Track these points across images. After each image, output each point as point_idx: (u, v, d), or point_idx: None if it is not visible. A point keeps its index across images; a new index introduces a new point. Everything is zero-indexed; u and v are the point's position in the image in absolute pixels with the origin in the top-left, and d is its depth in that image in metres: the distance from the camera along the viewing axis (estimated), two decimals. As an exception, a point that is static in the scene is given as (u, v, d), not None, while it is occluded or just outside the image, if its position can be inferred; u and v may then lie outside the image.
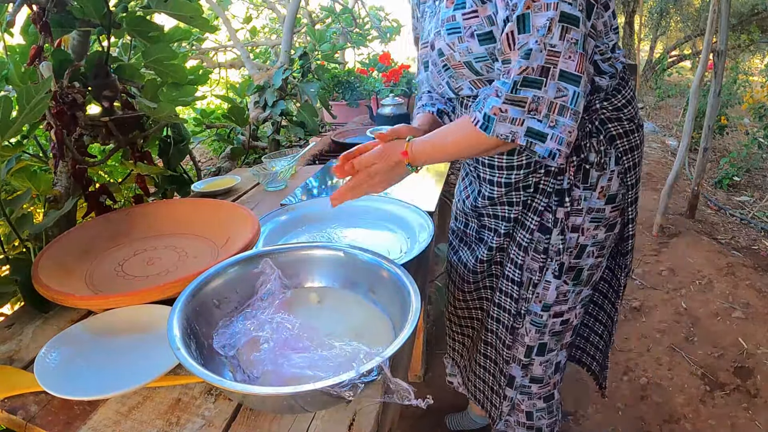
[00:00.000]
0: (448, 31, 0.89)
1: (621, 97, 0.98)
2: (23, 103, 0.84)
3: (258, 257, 0.81)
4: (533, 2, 0.75)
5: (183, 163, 1.58)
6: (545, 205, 1.00)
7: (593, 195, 0.99)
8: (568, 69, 0.77)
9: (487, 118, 0.80)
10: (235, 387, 0.58)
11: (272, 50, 4.82)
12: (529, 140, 0.80)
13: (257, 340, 0.69)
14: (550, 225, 1.01)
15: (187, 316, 0.69)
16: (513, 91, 0.78)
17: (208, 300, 0.75)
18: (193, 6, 1.25)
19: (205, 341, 0.70)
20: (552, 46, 0.76)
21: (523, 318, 1.11)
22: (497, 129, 0.80)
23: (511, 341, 1.15)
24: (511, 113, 0.79)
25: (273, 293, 0.77)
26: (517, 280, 1.08)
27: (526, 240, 1.04)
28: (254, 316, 0.73)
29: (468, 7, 0.86)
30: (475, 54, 0.89)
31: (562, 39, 0.76)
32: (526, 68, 0.77)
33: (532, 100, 0.77)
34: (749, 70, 7.19)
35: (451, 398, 1.78)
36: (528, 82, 0.77)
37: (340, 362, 0.64)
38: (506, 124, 0.79)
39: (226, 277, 0.78)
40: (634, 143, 1.00)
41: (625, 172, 1.00)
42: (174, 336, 0.63)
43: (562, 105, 0.78)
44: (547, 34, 0.75)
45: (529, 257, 1.05)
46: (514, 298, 1.10)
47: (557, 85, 0.77)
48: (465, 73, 0.94)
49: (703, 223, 3.32)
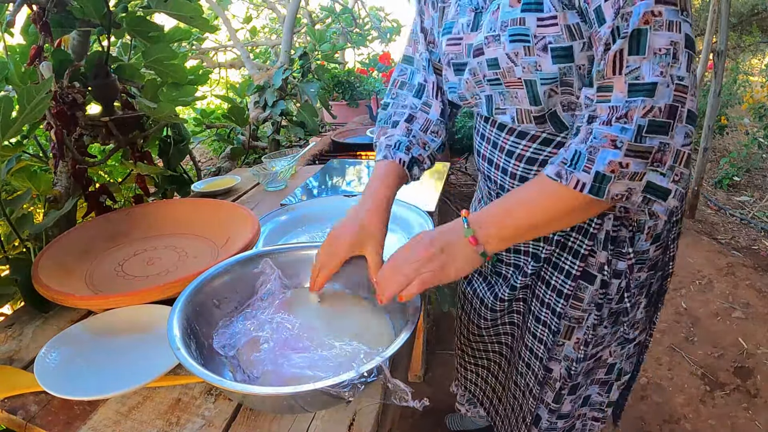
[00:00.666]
0: (512, 38, 0.69)
1: None
2: (24, 103, 0.84)
3: (258, 257, 0.81)
4: (654, 16, 0.58)
5: (183, 163, 1.58)
6: (589, 249, 0.84)
7: (641, 237, 0.84)
8: (693, 108, 0.61)
9: (601, 179, 0.62)
10: (235, 387, 0.58)
11: (272, 50, 4.82)
12: (647, 197, 0.63)
13: (257, 340, 0.69)
14: (595, 271, 0.86)
15: (187, 316, 0.69)
16: (638, 140, 0.60)
17: (208, 300, 0.75)
18: (193, 6, 1.25)
19: (205, 341, 0.70)
20: (680, 78, 0.59)
21: (558, 363, 0.98)
22: (613, 190, 0.62)
23: (541, 385, 1.03)
24: (632, 167, 0.61)
25: (273, 293, 0.77)
26: (554, 328, 0.93)
27: (568, 287, 0.88)
28: (254, 316, 0.74)
29: (546, 10, 0.66)
30: (543, 73, 0.70)
31: (689, 70, 0.60)
32: (651, 108, 0.60)
33: (658, 149, 0.60)
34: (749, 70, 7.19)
35: (451, 398, 1.78)
36: (655, 126, 0.60)
37: (340, 362, 0.64)
38: (625, 180, 0.61)
39: (226, 277, 0.78)
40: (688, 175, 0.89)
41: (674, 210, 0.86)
42: (174, 336, 0.63)
43: (688, 154, 0.62)
44: (673, 63, 0.59)
45: (569, 305, 0.90)
46: (548, 346, 0.96)
47: (685, 130, 0.61)
48: (519, 96, 0.75)
49: (703, 223, 3.32)
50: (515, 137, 0.83)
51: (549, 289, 0.92)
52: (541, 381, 1.02)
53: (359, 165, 1.73)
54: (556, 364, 0.98)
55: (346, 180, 1.59)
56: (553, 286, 0.91)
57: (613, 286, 0.86)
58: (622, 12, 0.60)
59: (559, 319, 0.92)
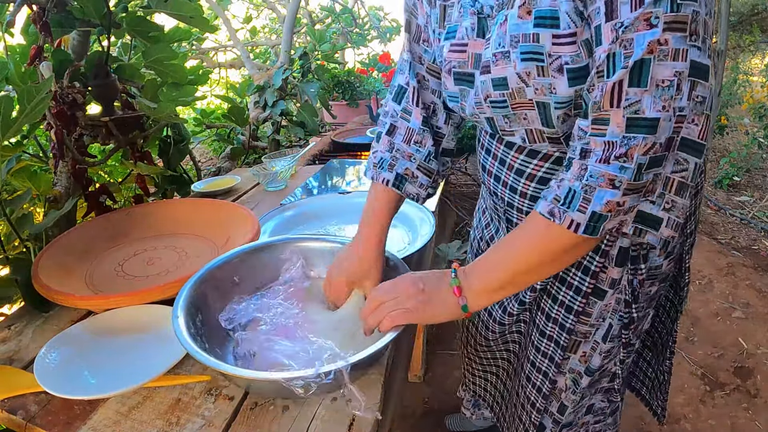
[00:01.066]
0: (524, 56, 0.61)
1: None
2: (24, 103, 0.84)
3: (285, 244, 0.86)
4: (659, 45, 0.52)
5: (183, 163, 1.58)
6: (600, 266, 0.80)
7: (655, 252, 0.80)
8: (689, 136, 0.57)
9: (597, 218, 0.58)
10: (202, 359, 0.61)
11: (272, 50, 4.82)
12: (638, 228, 0.61)
13: (258, 321, 0.73)
14: (606, 287, 0.82)
15: (202, 291, 0.74)
16: (637, 178, 0.56)
17: (227, 276, 0.80)
18: (193, 6, 1.25)
19: (215, 315, 0.75)
20: (681, 110, 0.55)
21: (563, 375, 0.96)
22: (607, 226, 0.59)
23: (545, 398, 1.00)
24: (628, 203, 0.58)
25: (294, 280, 0.81)
26: (562, 343, 0.90)
27: (578, 303, 0.85)
28: (265, 298, 0.78)
29: (563, 27, 0.58)
30: (558, 96, 0.63)
31: (690, 98, 0.55)
32: (653, 146, 0.55)
33: (651, 180, 0.58)
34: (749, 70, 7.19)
35: (450, 398, 1.78)
36: (654, 161, 0.56)
37: (312, 358, 0.66)
38: (619, 217, 0.59)
39: (252, 258, 0.83)
40: (700, 186, 0.81)
41: (685, 220, 0.80)
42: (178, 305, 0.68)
43: (681, 182, 0.58)
44: (676, 95, 0.54)
45: (579, 321, 0.87)
46: (556, 362, 0.93)
47: (675, 158, 0.58)
48: (530, 117, 0.68)
49: (703, 223, 3.32)
50: (525, 155, 0.76)
51: (557, 305, 0.88)
52: (546, 393, 1.00)
53: (359, 165, 1.73)
54: (561, 377, 0.96)
55: (346, 180, 1.59)
56: (561, 302, 0.87)
57: (623, 300, 0.83)
58: (623, 38, 0.53)
59: (569, 335, 0.89)
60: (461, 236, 2.45)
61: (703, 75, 0.55)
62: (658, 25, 0.52)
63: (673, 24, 0.52)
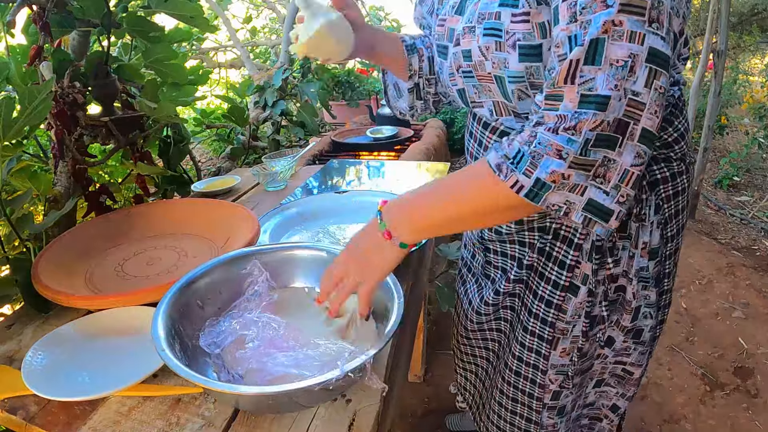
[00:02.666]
0: (485, 32, 0.67)
1: (673, 130, 0.79)
2: (25, 103, 0.84)
3: (245, 257, 0.81)
4: (614, 26, 0.54)
5: (183, 163, 1.58)
6: (575, 260, 0.82)
7: (636, 252, 0.81)
8: (649, 127, 0.57)
9: (540, 185, 0.58)
10: (223, 387, 0.58)
11: (272, 50, 4.82)
12: (587, 216, 0.60)
13: (243, 339, 0.69)
14: (579, 282, 0.84)
15: (171, 317, 0.69)
16: (583, 153, 0.57)
17: (192, 300, 0.75)
18: (193, 6, 1.25)
19: (189, 342, 0.70)
20: (635, 94, 0.56)
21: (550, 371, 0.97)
22: (550, 198, 0.59)
23: (530, 396, 1.01)
24: (574, 179, 0.58)
25: (260, 295, 0.77)
26: (546, 337, 0.91)
27: (557, 297, 0.87)
28: (241, 316, 0.74)
29: (520, 6, 0.64)
30: (510, 71, 0.68)
31: (649, 86, 0.56)
32: (601, 123, 0.56)
33: (600, 163, 0.57)
34: (749, 70, 7.19)
35: (451, 398, 1.78)
36: (601, 140, 0.56)
37: (325, 361, 0.65)
38: (564, 191, 0.59)
39: (211, 277, 0.78)
40: (680, 187, 0.82)
41: (665, 222, 0.82)
42: (159, 337, 0.64)
43: (637, 175, 0.59)
44: (629, 76, 0.55)
45: (559, 315, 0.89)
46: (543, 354, 0.94)
47: (636, 149, 0.57)
48: (492, 90, 0.73)
49: (703, 223, 3.32)
50: (497, 136, 0.82)
51: (536, 299, 0.90)
52: (529, 392, 1.00)
53: (359, 165, 1.73)
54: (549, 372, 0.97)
55: (346, 180, 1.59)
56: (540, 296, 0.89)
57: (599, 295, 0.85)
58: (581, 20, 0.56)
59: (552, 329, 0.90)
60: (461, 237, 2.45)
61: (663, 64, 0.56)
62: (613, 5, 0.54)
63: (628, 6, 0.54)
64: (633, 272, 0.82)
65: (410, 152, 2.02)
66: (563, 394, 0.99)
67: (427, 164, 1.70)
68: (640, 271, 0.83)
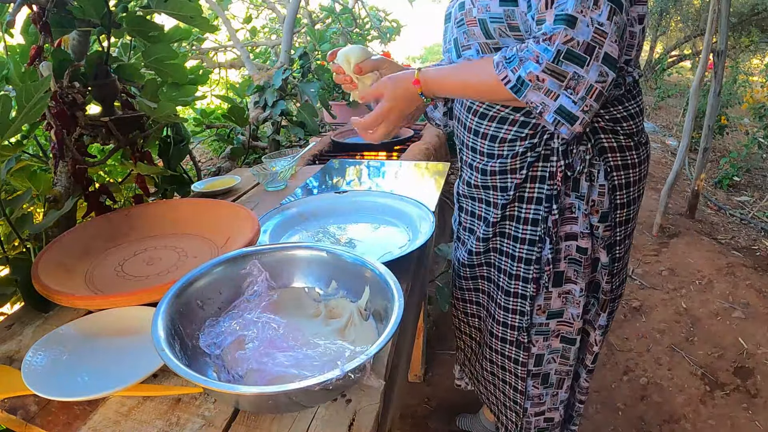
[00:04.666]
0: None
1: (622, 109, 0.92)
2: (23, 102, 0.84)
3: (243, 257, 0.81)
4: None
5: (183, 163, 1.58)
6: (535, 215, 0.96)
7: (587, 209, 0.95)
8: (611, 53, 0.74)
9: (521, 82, 0.77)
10: (224, 387, 0.58)
11: (272, 50, 4.82)
12: (557, 119, 0.77)
13: (243, 339, 0.69)
14: (542, 234, 0.96)
15: (171, 317, 0.69)
16: (555, 61, 0.74)
17: (192, 301, 0.75)
18: (193, 6, 1.25)
19: (189, 342, 0.70)
20: (600, 24, 0.72)
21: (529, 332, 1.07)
22: (529, 96, 0.77)
23: (526, 357, 1.10)
24: (548, 84, 0.75)
25: (260, 295, 0.77)
26: (521, 293, 1.04)
27: (524, 252, 1.00)
28: (240, 317, 0.74)
29: None
30: (491, 13, 0.84)
31: (610, 20, 0.73)
32: (571, 39, 0.73)
33: (572, 77, 0.74)
34: (749, 70, 7.19)
35: (451, 398, 1.78)
36: (572, 56, 0.73)
37: (325, 361, 0.65)
38: (540, 93, 0.76)
39: (211, 278, 0.78)
40: (630, 161, 0.95)
41: (613, 189, 0.94)
42: (159, 337, 0.63)
43: (600, 91, 0.75)
44: (594, 8, 0.72)
45: (522, 268, 1.01)
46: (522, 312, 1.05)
47: (600, 68, 0.74)
48: (476, 33, 0.89)
49: (703, 223, 3.32)
50: (478, 118, 0.98)
51: (505, 257, 1.03)
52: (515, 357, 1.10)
53: (359, 165, 1.73)
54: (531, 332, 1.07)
55: (346, 180, 1.59)
56: (507, 253, 1.03)
57: (562, 251, 0.98)
58: None
59: (525, 283, 1.02)
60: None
61: (620, 7, 0.74)
62: None
63: None
64: (586, 228, 0.96)
65: (410, 152, 2.02)
66: (545, 358, 1.10)
67: (427, 164, 1.70)
68: (593, 228, 0.96)
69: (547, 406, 1.17)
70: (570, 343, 1.08)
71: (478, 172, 1.02)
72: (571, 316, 1.05)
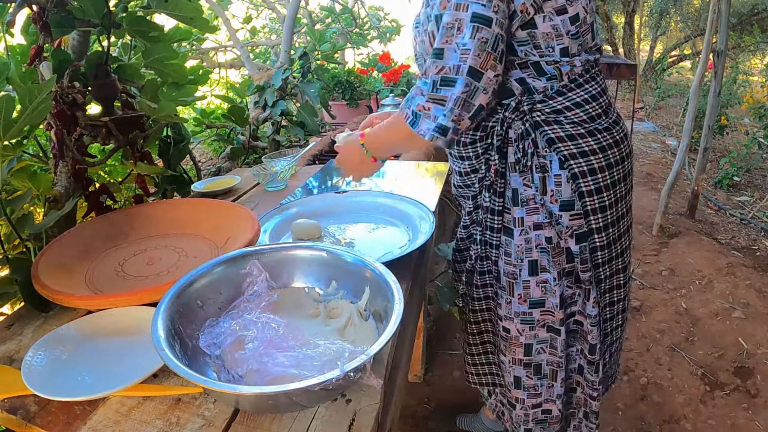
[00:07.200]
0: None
1: (563, 99, 0.94)
2: (25, 103, 0.84)
3: (243, 257, 0.81)
4: (447, 2, 0.82)
5: (183, 163, 1.58)
6: (501, 206, 1.02)
7: (546, 199, 0.98)
8: (474, 65, 0.81)
9: (415, 115, 0.87)
10: (224, 387, 0.58)
11: (272, 50, 4.82)
12: (434, 136, 0.87)
13: (243, 339, 0.69)
14: (512, 226, 1.02)
15: (171, 317, 0.69)
16: (434, 90, 0.84)
17: (192, 301, 0.74)
18: (193, 6, 1.25)
19: (189, 342, 0.70)
20: (464, 45, 0.81)
21: (512, 321, 1.10)
22: (422, 125, 0.87)
23: (500, 350, 1.16)
24: (433, 111, 0.85)
25: (260, 295, 0.77)
26: (502, 284, 1.09)
27: (495, 239, 1.06)
28: (240, 317, 0.74)
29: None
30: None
31: (473, 38, 0.81)
32: (443, 68, 0.83)
33: (449, 98, 0.83)
34: (749, 70, 7.19)
35: (451, 398, 1.78)
36: (446, 81, 0.83)
37: (325, 361, 0.65)
38: (429, 121, 0.86)
39: (211, 278, 0.78)
40: (588, 148, 0.96)
41: (574, 177, 0.96)
42: (159, 337, 0.63)
43: (465, 99, 0.83)
44: (458, 34, 0.81)
45: (502, 258, 1.06)
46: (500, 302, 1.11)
47: (465, 80, 0.82)
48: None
49: (703, 223, 3.32)
50: None
51: (483, 246, 1.09)
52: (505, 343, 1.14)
53: (359, 165, 1.73)
54: (510, 322, 1.11)
55: (345, 180, 1.59)
56: (484, 242, 1.08)
57: (532, 240, 1.02)
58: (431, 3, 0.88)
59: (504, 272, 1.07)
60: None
61: (486, 22, 0.81)
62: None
63: None
64: (545, 217, 0.99)
65: (410, 152, 2.02)
66: (534, 348, 1.12)
67: (427, 164, 1.70)
68: (555, 217, 1.00)
69: (544, 398, 1.18)
70: (555, 333, 1.10)
71: (458, 174, 1.11)
72: (552, 305, 1.06)
